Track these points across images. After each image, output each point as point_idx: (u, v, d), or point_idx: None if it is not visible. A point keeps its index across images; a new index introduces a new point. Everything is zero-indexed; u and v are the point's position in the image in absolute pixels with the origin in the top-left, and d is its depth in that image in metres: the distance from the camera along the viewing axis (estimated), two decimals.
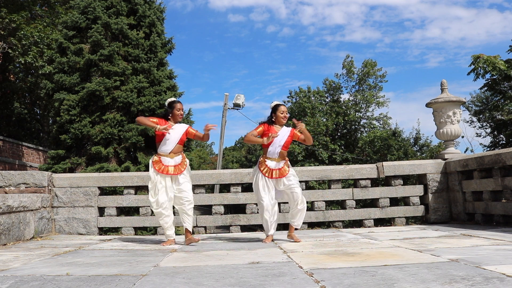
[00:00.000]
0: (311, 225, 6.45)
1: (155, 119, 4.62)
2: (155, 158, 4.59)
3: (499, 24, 71.22)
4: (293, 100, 22.08)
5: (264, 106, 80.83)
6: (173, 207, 4.69)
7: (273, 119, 4.67)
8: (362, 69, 21.58)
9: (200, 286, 2.42)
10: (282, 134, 4.62)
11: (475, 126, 26.61)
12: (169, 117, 4.66)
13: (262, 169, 4.60)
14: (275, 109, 4.68)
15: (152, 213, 6.29)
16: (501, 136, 19.15)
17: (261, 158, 4.68)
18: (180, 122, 4.78)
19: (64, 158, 11.03)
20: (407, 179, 7.76)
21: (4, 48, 15.12)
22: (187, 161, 4.72)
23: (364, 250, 3.68)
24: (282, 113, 4.65)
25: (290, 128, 4.74)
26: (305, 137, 4.68)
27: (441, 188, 6.34)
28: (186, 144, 12.68)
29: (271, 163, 4.59)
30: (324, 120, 20.06)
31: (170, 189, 4.53)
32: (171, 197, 4.54)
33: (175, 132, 4.59)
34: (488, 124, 24.97)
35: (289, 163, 4.72)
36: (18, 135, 19.93)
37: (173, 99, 4.79)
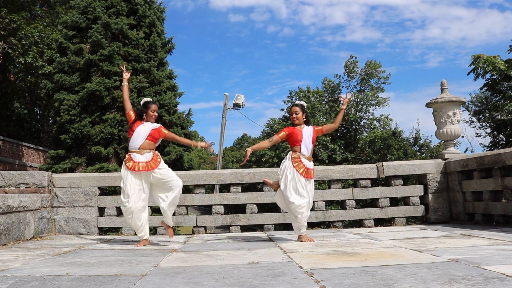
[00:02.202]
0: (311, 225, 6.45)
1: (133, 114, 4.62)
2: (126, 156, 4.53)
3: (500, 24, 71.26)
4: (293, 100, 22.12)
5: (265, 106, 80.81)
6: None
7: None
8: (365, 69, 21.59)
9: (200, 286, 2.42)
10: (307, 132, 4.63)
11: (475, 126, 26.63)
12: (144, 117, 4.60)
13: (297, 166, 4.46)
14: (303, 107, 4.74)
15: (152, 213, 6.30)
16: (501, 136, 19.13)
17: (296, 154, 4.53)
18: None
19: (64, 158, 11.03)
20: (407, 179, 7.79)
21: (4, 48, 15.12)
22: (162, 160, 4.58)
23: (364, 250, 3.68)
24: (291, 115, 4.72)
25: (311, 127, 4.74)
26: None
27: (441, 188, 6.34)
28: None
29: (306, 162, 4.54)
30: (324, 120, 20.07)
31: (144, 189, 4.45)
32: (144, 197, 4.47)
33: (145, 128, 4.54)
34: (488, 124, 24.98)
35: None
36: (18, 135, 19.93)
37: (148, 99, 4.73)
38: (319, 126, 4.83)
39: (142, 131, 4.52)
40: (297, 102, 4.85)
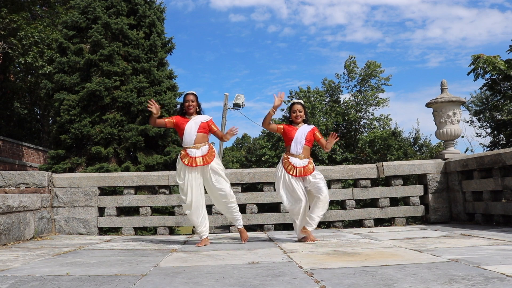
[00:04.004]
0: None
1: (172, 118, 4.55)
2: (182, 152, 4.43)
3: (500, 24, 71.15)
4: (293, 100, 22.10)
5: (265, 106, 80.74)
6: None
7: (290, 119, 4.75)
8: (365, 69, 21.57)
9: (200, 286, 2.42)
10: (302, 130, 4.60)
11: (475, 126, 26.55)
12: (184, 111, 4.56)
13: (287, 168, 4.50)
14: (289, 108, 4.79)
15: (152, 213, 6.30)
16: (501, 136, 19.14)
17: (285, 155, 4.60)
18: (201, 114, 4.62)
19: (64, 158, 11.03)
20: (407, 179, 7.79)
21: (4, 48, 15.12)
22: (215, 151, 4.56)
23: (364, 250, 3.68)
24: (294, 112, 4.67)
25: (311, 126, 4.72)
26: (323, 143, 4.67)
27: (441, 188, 6.35)
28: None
29: (296, 160, 4.50)
30: (324, 120, 20.08)
31: (201, 185, 4.42)
32: (202, 192, 4.43)
33: (194, 122, 4.45)
34: (488, 124, 24.94)
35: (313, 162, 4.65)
36: (18, 135, 19.92)
37: (187, 92, 4.67)
38: (320, 135, 4.71)
39: (193, 126, 4.43)
40: (298, 100, 4.83)
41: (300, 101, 4.82)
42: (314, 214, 4.51)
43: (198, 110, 4.59)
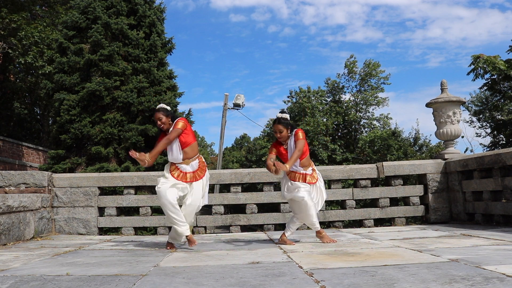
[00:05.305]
0: None
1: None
2: (172, 166, 4.15)
3: (501, 24, 71.14)
4: (293, 100, 22.10)
5: (265, 106, 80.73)
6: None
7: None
8: (364, 69, 21.58)
9: (200, 286, 2.43)
10: (290, 145, 4.32)
11: (475, 126, 26.58)
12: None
13: (291, 176, 4.38)
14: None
15: (152, 213, 6.30)
16: (501, 136, 19.14)
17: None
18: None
19: (64, 158, 11.02)
20: (407, 179, 7.80)
21: (4, 48, 15.13)
22: (205, 163, 4.32)
23: (364, 250, 3.68)
24: (276, 133, 4.34)
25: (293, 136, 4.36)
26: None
27: (441, 188, 6.35)
28: None
29: (300, 169, 4.36)
30: (324, 120, 20.06)
31: (183, 190, 4.10)
32: (180, 195, 4.10)
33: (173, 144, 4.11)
34: (488, 124, 24.95)
35: (313, 167, 4.48)
36: (18, 135, 19.92)
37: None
38: (298, 139, 4.25)
39: (174, 146, 4.09)
40: (279, 117, 4.34)
41: (281, 117, 4.31)
42: (292, 224, 4.62)
43: (171, 122, 4.19)
